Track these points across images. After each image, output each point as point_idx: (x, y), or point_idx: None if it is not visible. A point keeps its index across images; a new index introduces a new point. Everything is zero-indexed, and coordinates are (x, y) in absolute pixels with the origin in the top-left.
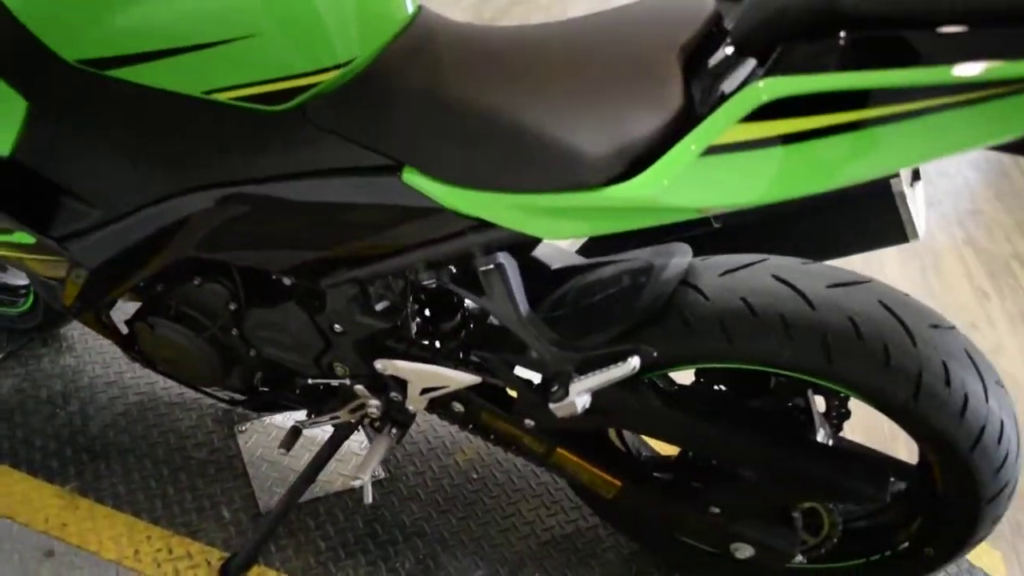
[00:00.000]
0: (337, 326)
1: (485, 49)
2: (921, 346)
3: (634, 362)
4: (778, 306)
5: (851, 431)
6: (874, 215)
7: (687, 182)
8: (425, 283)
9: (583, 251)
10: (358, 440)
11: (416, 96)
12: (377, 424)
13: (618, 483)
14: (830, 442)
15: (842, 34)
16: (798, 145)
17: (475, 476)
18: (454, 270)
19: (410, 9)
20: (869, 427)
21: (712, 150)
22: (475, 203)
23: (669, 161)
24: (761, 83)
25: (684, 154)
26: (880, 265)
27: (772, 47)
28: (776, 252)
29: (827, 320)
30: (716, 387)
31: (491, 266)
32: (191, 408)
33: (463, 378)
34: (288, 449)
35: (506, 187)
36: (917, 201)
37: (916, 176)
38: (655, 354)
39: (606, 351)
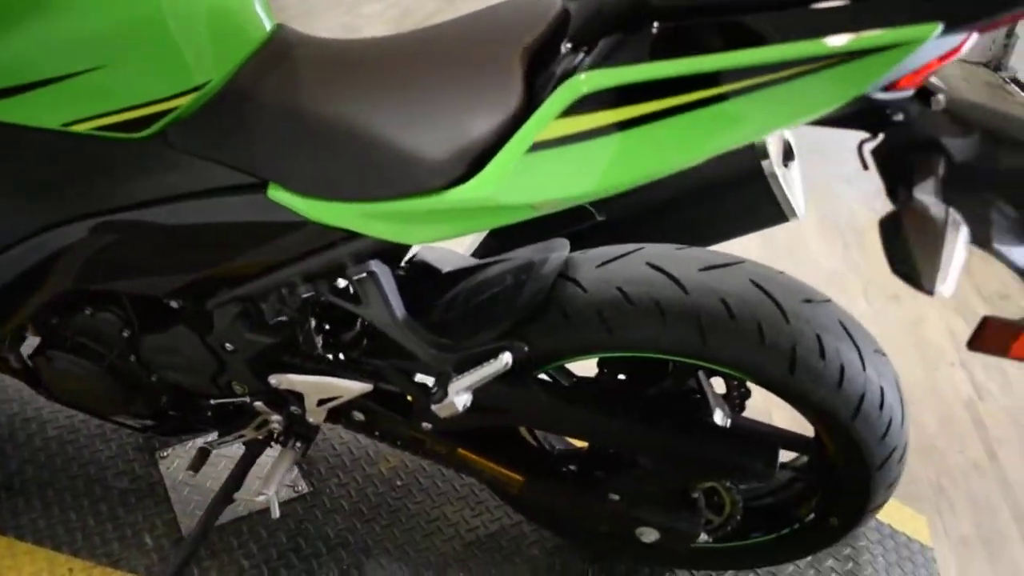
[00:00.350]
0: (228, 345)
1: (341, 62)
2: (793, 321)
3: (505, 358)
4: (653, 293)
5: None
6: (751, 198)
7: (518, 180)
8: (305, 296)
9: (481, 250)
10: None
11: (273, 113)
12: (281, 439)
13: (521, 478)
14: (728, 423)
15: (655, 25)
16: (623, 133)
17: (399, 483)
18: (332, 281)
19: (268, 26)
20: None
21: (538, 146)
22: (337, 214)
23: (499, 161)
24: (582, 76)
25: (512, 153)
26: (803, 244)
27: (597, 41)
28: (663, 240)
29: (700, 303)
30: (618, 376)
31: (363, 275)
32: (111, 439)
33: (355, 387)
34: (197, 471)
35: (361, 196)
36: (793, 180)
37: (789, 156)
38: (526, 348)
39: (479, 349)
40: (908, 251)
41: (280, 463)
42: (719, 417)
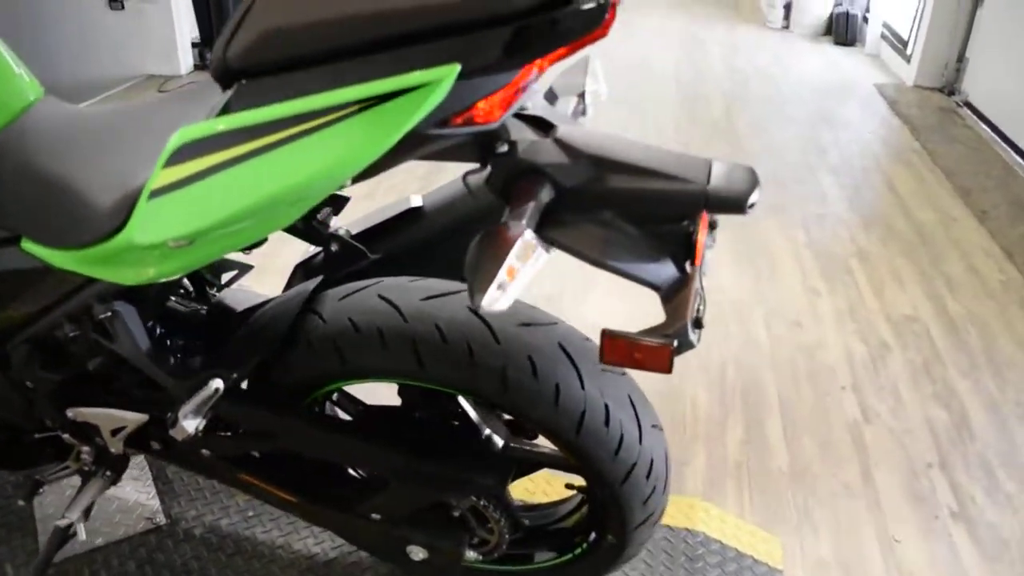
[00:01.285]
0: (28, 383)
1: (79, 128)
2: (505, 343)
3: (215, 384)
4: (377, 321)
5: None
6: None
7: (148, 224)
8: (72, 335)
9: (286, 288)
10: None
11: (19, 173)
12: (92, 468)
13: (294, 499)
14: (501, 443)
15: (243, 81)
16: (213, 177)
17: (251, 514)
18: (93, 320)
19: (31, 97)
20: None
21: (155, 193)
22: (67, 260)
23: (136, 209)
24: (176, 132)
25: (141, 202)
26: (713, 271)
27: None
28: (439, 274)
29: (416, 329)
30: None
31: (108, 313)
32: None
33: (133, 417)
34: (28, 501)
35: (74, 244)
36: None
37: None
38: (235, 376)
39: (201, 377)
40: (473, 269)
41: (87, 491)
42: (498, 439)
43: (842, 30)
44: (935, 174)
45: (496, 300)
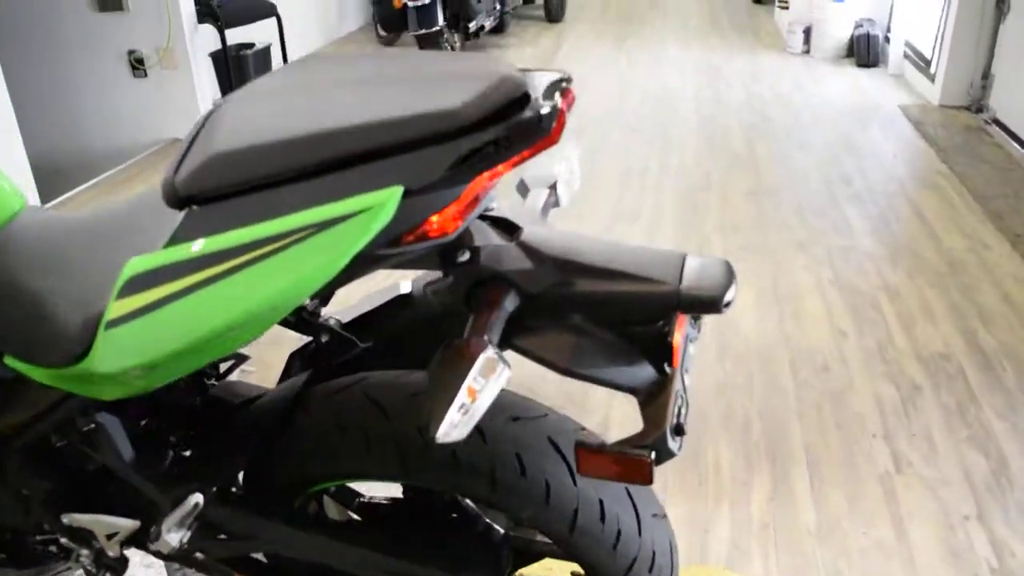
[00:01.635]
0: (23, 490)
1: (57, 243)
2: (492, 442)
3: (195, 499)
4: (362, 421)
5: None
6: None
7: (107, 353)
8: (60, 445)
9: (281, 378)
10: None
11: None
12: (93, 570)
13: None
14: (501, 532)
15: (192, 208)
16: (164, 308)
17: None
18: (80, 431)
19: (14, 208)
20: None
21: (111, 324)
22: (48, 377)
23: (96, 340)
24: (126, 264)
25: (99, 332)
26: (736, 315)
27: None
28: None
29: (400, 431)
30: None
31: (92, 425)
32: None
33: (126, 523)
34: None
35: (53, 363)
36: None
37: None
38: (214, 489)
39: (184, 489)
40: (430, 393)
41: None
42: (497, 529)
43: (864, 52)
44: (964, 198)
45: (456, 426)
